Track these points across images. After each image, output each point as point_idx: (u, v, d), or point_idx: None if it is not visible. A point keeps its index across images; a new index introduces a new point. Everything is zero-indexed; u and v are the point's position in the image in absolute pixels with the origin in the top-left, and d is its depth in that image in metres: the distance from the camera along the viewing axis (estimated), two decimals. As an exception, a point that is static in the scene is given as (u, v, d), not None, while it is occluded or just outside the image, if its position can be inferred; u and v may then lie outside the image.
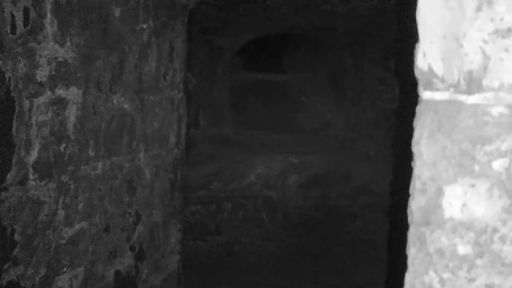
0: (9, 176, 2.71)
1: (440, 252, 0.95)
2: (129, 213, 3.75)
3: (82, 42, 3.11)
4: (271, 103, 6.12)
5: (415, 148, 0.95)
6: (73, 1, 3.02)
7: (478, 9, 0.86)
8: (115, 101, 3.47)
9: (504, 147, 0.89)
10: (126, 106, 3.58)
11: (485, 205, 0.92)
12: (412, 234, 0.97)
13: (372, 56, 6.08)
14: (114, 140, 3.50)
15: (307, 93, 6.18)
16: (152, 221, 4.00)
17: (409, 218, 0.98)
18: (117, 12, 3.41)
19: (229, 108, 5.99)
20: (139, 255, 3.88)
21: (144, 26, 3.69)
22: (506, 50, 0.86)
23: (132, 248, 3.81)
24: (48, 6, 2.83)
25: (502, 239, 0.92)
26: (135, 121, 3.69)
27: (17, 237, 2.80)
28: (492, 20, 0.86)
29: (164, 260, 4.20)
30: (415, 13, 0.95)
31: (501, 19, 0.85)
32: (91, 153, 3.30)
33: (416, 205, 0.96)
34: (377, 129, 6.05)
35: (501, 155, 0.89)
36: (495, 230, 0.92)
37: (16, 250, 2.81)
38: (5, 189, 2.69)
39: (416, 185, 0.96)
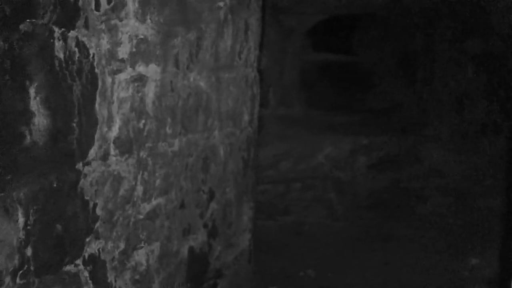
0: (91, 151, 2.76)
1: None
2: (203, 190, 3.79)
3: (161, 20, 3.14)
4: (341, 83, 6.08)
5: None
6: (153, -21, 3.04)
7: None
8: (192, 78, 3.49)
9: None
10: (202, 83, 3.60)
11: None
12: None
13: (444, 37, 5.96)
14: (190, 117, 3.53)
15: (377, 74, 6.11)
16: (225, 198, 4.03)
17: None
18: (195, -10, 3.43)
19: (299, 88, 5.97)
20: (212, 232, 3.92)
21: (221, 3, 3.70)
22: None
23: (205, 225, 3.85)
24: (130, -16, 2.87)
25: None
26: (211, 98, 3.72)
27: (98, 211, 2.86)
28: None
29: (236, 237, 4.23)
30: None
31: None
32: (168, 130, 3.33)
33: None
34: (449, 111, 5.94)
35: None
36: None
37: (98, 224, 2.87)
38: (88, 163, 2.75)
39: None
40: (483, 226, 5.14)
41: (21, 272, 2.40)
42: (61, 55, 2.52)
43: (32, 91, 2.40)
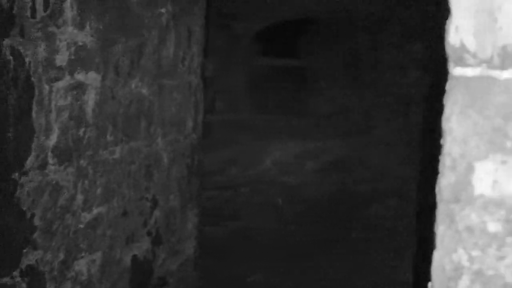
0: (28, 160, 2.72)
1: (470, 229, 0.93)
2: (146, 198, 3.76)
3: (101, 27, 3.11)
4: (288, 88, 6.10)
5: (445, 125, 0.94)
6: (92, -15, 3.01)
7: (513, -19, 0.84)
8: (133, 85, 3.47)
9: (537, 122, 0.88)
10: (144, 91, 3.58)
11: (517, 182, 0.91)
12: (441, 212, 0.96)
13: (389, 41, 6.04)
14: (132, 125, 3.51)
15: (324, 78, 6.15)
16: (169, 206, 4.01)
17: (438, 196, 0.97)
18: (135, -4, 3.40)
19: (246, 94, 5.98)
20: (156, 240, 3.89)
21: (163, 10, 3.68)
22: (541, 24, 0.85)
23: (149, 233, 3.82)
24: (67, -10, 2.83)
25: (534, 217, 0.91)
26: (153, 105, 3.70)
27: (36, 221, 2.81)
28: (527, -8, 0.84)
29: (181, 245, 4.21)
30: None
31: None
32: (109, 137, 3.30)
33: (445, 182, 0.95)
34: (395, 115, 6.02)
35: (534, 131, 0.88)
36: (526, 208, 0.91)
37: (36, 234, 2.82)
38: (25, 173, 2.70)
39: (446, 162, 0.94)
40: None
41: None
42: (-5, 63, 2.48)
43: (-36, 100, 2.36)
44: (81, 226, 3.14)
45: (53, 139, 2.86)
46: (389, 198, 5.79)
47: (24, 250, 2.75)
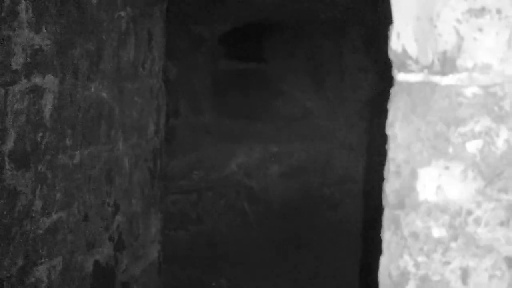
0: (-16, 165, 2.67)
1: (415, 235, 0.94)
2: (108, 203, 3.72)
3: (58, 30, 3.07)
4: (252, 91, 6.09)
5: (389, 131, 0.94)
6: (49, -12, 2.97)
7: (452, -13, 0.84)
8: (93, 89, 3.43)
9: (478, 128, 0.88)
10: (104, 94, 3.54)
11: (459, 187, 0.91)
12: (386, 218, 0.96)
13: (352, 44, 6.07)
14: (92, 129, 3.47)
15: (288, 82, 6.15)
16: (131, 210, 3.97)
17: (383, 201, 0.97)
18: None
19: (210, 97, 5.95)
20: (118, 245, 3.85)
21: (122, 13, 3.65)
22: (480, 30, 0.85)
23: (111, 238, 3.78)
24: (23, -7, 2.79)
25: (477, 222, 0.91)
26: (113, 110, 3.66)
27: (-7, 227, 2.76)
28: (465, -1, 0.85)
29: (144, 250, 4.17)
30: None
31: (475, -2, 0.84)
32: (68, 142, 3.26)
33: (390, 188, 0.95)
34: (359, 118, 6.05)
35: (475, 136, 0.88)
36: (469, 213, 0.91)
37: (-7, 240, 2.77)
38: (-20, 178, 2.66)
39: (390, 167, 0.94)
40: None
41: None
42: None
43: None
44: (40, 231, 3.10)
45: (9, 144, 2.81)
46: (352, 202, 5.81)
47: (-20, 258, 2.70)
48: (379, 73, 5.75)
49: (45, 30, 2.97)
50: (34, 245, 3.06)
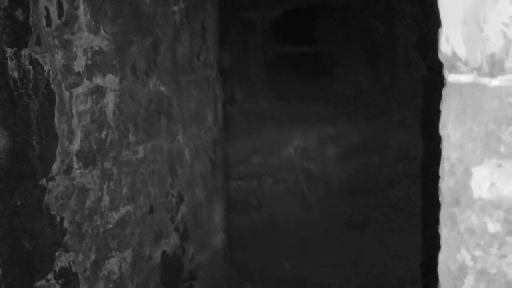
0: (54, 166, 2.79)
1: (471, 231, 0.98)
2: (172, 194, 3.83)
3: (115, 30, 3.17)
4: (305, 74, 6.12)
5: (442, 131, 0.98)
6: (104, -10, 3.07)
7: (497, -7, 0.88)
8: (151, 85, 3.53)
9: (528, 126, 0.91)
10: (162, 88, 3.64)
11: (512, 184, 0.94)
12: (443, 215, 1.00)
13: (404, 22, 6.02)
14: (153, 123, 3.57)
15: (340, 63, 6.15)
16: (194, 200, 4.08)
17: (440, 199, 1.01)
18: (148, -3, 3.45)
19: (264, 82, 6.00)
20: (184, 235, 3.96)
21: (175, 8, 3.73)
22: (526, 32, 0.88)
23: (176, 229, 3.89)
24: (80, -3, 2.89)
25: (532, 215, 0.94)
26: (172, 103, 3.75)
27: (66, 224, 2.89)
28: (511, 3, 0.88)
29: (209, 237, 4.28)
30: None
31: (521, 2, 0.87)
32: (131, 138, 3.37)
33: (446, 186, 0.99)
34: (412, 96, 6.01)
35: (527, 134, 0.92)
36: (524, 207, 0.95)
37: (66, 237, 2.90)
38: (52, 179, 2.78)
39: (445, 166, 0.98)
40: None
41: (-11, 293, 2.43)
42: (15, 74, 2.55)
43: (-13, 113, 2.43)
44: (110, 226, 3.22)
45: (76, 144, 2.93)
46: (409, 180, 5.80)
47: (57, 253, 2.83)
48: (430, 49, 5.70)
49: (103, 31, 3.07)
50: (104, 239, 3.19)
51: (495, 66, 0.92)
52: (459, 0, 0.92)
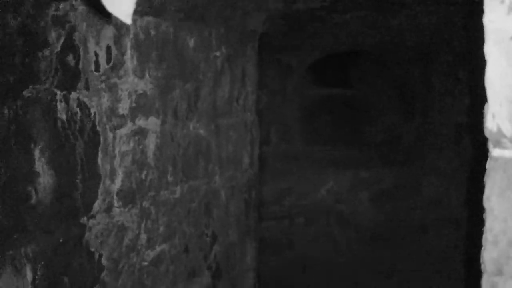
0: (96, 204, 2.87)
1: (513, 300, 1.02)
2: (206, 234, 3.88)
3: (159, 74, 3.27)
4: (340, 118, 6.19)
5: (486, 204, 1.02)
6: (151, 36, 3.17)
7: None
8: (191, 127, 3.61)
9: None
10: (201, 131, 3.72)
11: (554, 257, 0.98)
12: (485, 283, 1.04)
13: (439, 68, 6.07)
14: (191, 164, 3.64)
15: (376, 107, 6.21)
16: (228, 240, 4.13)
17: (482, 267, 1.05)
18: (191, 43, 3.55)
19: (299, 124, 6.08)
20: (216, 274, 4.01)
21: (217, 53, 3.83)
22: None
23: (209, 267, 3.94)
24: (128, 43, 3.00)
25: None
26: (210, 145, 3.83)
27: (104, 261, 2.96)
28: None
29: (241, 277, 4.31)
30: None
31: None
32: (169, 178, 3.44)
33: (488, 256, 1.03)
34: (447, 142, 6.03)
35: None
36: None
37: (104, 273, 2.97)
38: (93, 217, 2.86)
39: (488, 237, 1.03)
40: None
41: (30, 327, 2.49)
42: (64, 116, 2.65)
43: (36, 153, 2.52)
44: (145, 263, 3.28)
45: (117, 183, 3.01)
46: (442, 226, 5.79)
47: (93, 290, 2.89)
48: (469, 96, 5.73)
49: (148, 76, 3.17)
50: (140, 276, 3.25)
51: (539, 145, 0.97)
52: (506, 80, 0.98)
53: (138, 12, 3.04)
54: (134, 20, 3.03)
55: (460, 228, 5.44)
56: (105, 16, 2.64)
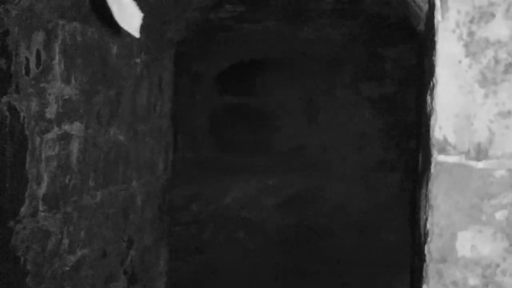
0: (22, 209, 2.89)
1: (455, 283, 1.20)
2: (123, 239, 3.94)
3: (84, 80, 3.31)
4: (247, 126, 6.36)
5: (433, 202, 1.20)
6: (78, 41, 3.22)
7: (486, 96, 1.12)
8: (112, 133, 3.67)
9: (505, 201, 1.15)
10: (121, 137, 3.78)
11: (490, 246, 1.18)
12: (431, 269, 1.22)
13: (343, 81, 6.36)
14: (111, 170, 3.70)
15: (282, 116, 6.43)
16: (143, 245, 4.19)
17: (427, 257, 1.23)
18: (114, 49, 3.62)
19: (207, 132, 6.21)
20: (131, 279, 4.06)
21: (137, 60, 3.90)
22: (507, 128, 1.12)
23: (125, 272, 3.99)
24: (57, 48, 3.04)
25: (503, 272, 1.18)
26: (129, 151, 3.89)
27: (28, 266, 2.98)
28: (496, 104, 1.12)
29: (154, 282, 4.39)
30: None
31: (503, 104, 1.12)
32: (91, 183, 3.49)
33: (434, 246, 1.21)
34: (350, 150, 6.33)
35: (503, 207, 1.15)
36: (497, 265, 1.18)
37: (28, 278, 2.98)
38: (19, 221, 2.87)
39: (434, 230, 1.21)
40: (387, 258, 5.52)
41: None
42: (-6, 120, 2.66)
43: (-33, 156, 2.53)
44: (67, 268, 3.31)
45: (43, 188, 3.03)
46: (346, 231, 6.07)
47: (18, 294, 2.90)
48: (371, 107, 6.06)
49: (74, 81, 3.21)
50: (61, 281, 3.27)
51: (480, 153, 1.16)
52: (454, 99, 1.16)
53: (66, 17, 3.09)
54: (62, 25, 3.07)
55: (363, 232, 5.72)
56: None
